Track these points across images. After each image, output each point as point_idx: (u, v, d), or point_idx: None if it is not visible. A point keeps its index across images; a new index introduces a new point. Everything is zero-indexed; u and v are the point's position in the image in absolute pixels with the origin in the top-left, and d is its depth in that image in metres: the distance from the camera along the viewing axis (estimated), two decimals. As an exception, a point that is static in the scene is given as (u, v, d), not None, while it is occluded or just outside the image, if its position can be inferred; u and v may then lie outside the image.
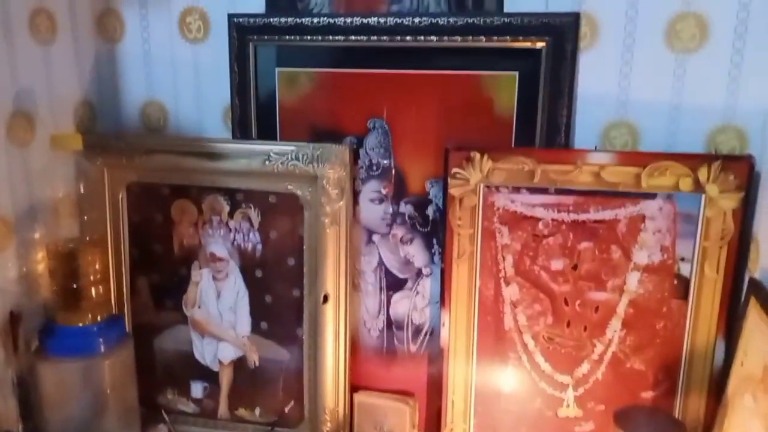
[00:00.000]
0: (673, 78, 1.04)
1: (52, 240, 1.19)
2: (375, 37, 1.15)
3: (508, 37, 1.09)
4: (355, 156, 1.20)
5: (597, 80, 1.08)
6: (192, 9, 1.26)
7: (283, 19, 1.18)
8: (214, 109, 1.30)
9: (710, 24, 1.01)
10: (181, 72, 1.30)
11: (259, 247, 1.25)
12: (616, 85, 1.07)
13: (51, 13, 1.19)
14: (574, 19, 1.06)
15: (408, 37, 1.13)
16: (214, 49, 1.26)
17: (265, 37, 1.20)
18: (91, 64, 1.31)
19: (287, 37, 1.19)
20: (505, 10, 1.10)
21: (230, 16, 1.21)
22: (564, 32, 1.06)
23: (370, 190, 1.23)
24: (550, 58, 1.08)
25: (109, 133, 1.33)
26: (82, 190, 1.25)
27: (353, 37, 1.16)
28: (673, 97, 1.05)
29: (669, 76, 1.05)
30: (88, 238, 1.24)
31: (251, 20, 1.20)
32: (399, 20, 1.13)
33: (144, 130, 1.34)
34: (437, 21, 1.11)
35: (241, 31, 1.21)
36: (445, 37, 1.12)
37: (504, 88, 1.12)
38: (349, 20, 1.15)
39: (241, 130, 1.25)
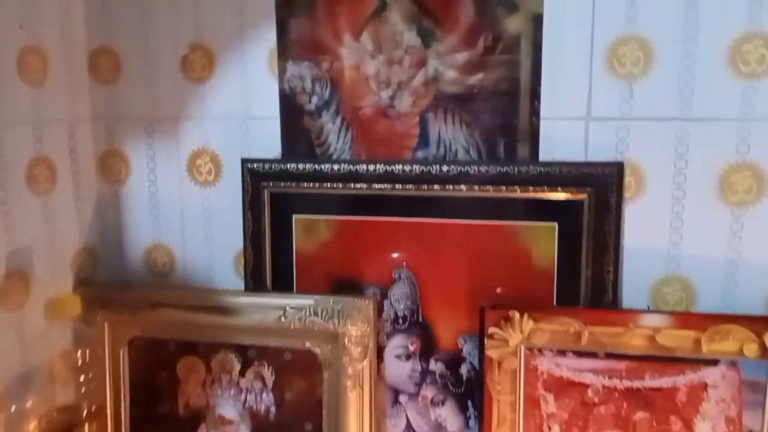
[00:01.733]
0: (729, 232, 0.96)
1: (45, 410, 1.07)
2: (399, 186, 1.07)
3: (545, 187, 1.01)
4: (379, 308, 1.10)
5: (645, 233, 1.00)
6: (203, 151, 1.18)
7: (300, 165, 1.11)
8: (224, 255, 1.20)
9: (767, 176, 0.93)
10: (189, 215, 1.22)
11: (273, 409, 1.13)
12: (667, 239, 0.99)
13: (50, 162, 1.12)
14: (617, 169, 0.98)
15: (435, 186, 1.05)
16: (225, 193, 1.18)
17: (282, 183, 1.12)
18: (92, 208, 1.23)
19: (305, 183, 1.11)
20: (541, 158, 1.02)
21: (244, 161, 1.14)
22: (607, 183, 0.98)
23: (396, 345, 1.12)
24: (593, 210, 1.00)
25: (111, 282, 1.23)
26: (79, 357, 1.13)
27: (376, 185, 1.08)
28: (729, 252, 0.96)
29: (724, 230, 0.96)
30: (85, 408, 1.12)
31: (266, 166, 1.13)
32: (425, 168, 1.05)
33: (149, 276, 1.25)
34: (467, 170, 1.03)
35: (255, 176, 1.13)
36: (476, 187, 1.04)
37: (542, 239, 1.03)
38: (371, 167, 1.08)
39: (254, 280, 1.16)
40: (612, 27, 0.97)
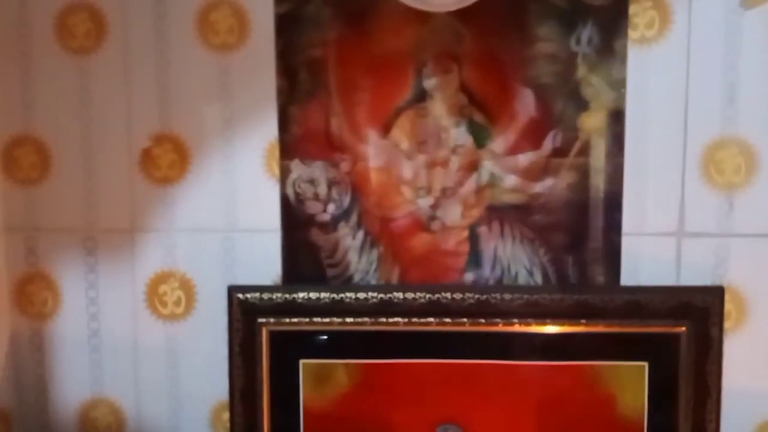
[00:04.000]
0: None
1: None
2: (448, 319, 0.83)
3: (634, 320, 0.81)
4: (417, 479, 0.85)
5: (747, 370, 0.83)
6: (169, 274, 0.89)
7: (312, 295, 0.84)
8: (196, 411, 0.90)
9: None
10: (147, 360, 0.91)
11: None
12: (775, 378, 0.82)
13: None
14: (719, 296, 0.81)
15: (497, 320, 0.83)
16: (199, 330, 0.89)
17: (286, 319, 0.85)
18: (3, 352, 0.89)
19: (317, 318, 0.85)
20: (622, 282, 0.83)
21: (232, 290, 0.85)
22: (708, 313, 0.81)
23: None
24: (692, 345, 0.81)
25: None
26: None
27: (415, 320, 0.84)
28: None
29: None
30: None
31: (264, 295, 0.85)
32: (481, 296, 0.83)
33: (85, 444, 0.91)
34: (536, 298, 0.82)
35: (248, 310, 0.85)
36: (547, 319, 0.82)
37: (630, 382, 0.83)
38: (409, 296, 0.83)
39: (245, 447, 0.86)
40: (708, 128, 0.81)
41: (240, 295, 0.86)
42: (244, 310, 0.86)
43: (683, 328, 0.82)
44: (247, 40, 0.85)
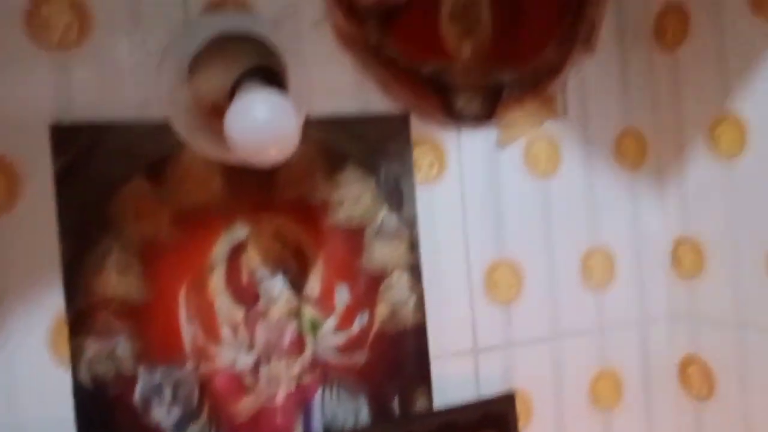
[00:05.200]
0: (603, 438, 0.99)
1: None
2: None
3: (452, 438, 0.87)
4: None
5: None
6: None
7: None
8: None
9: None
10: None
11: None
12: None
13: None
14: (511, 403, 0.92)
15: (334, 470, 0.80)
16: None
17: None
18: None
19: None
20: (436, 403, 0.89)
21: None
22: (505, 420, 0.91)
23: None
24: (498, 450, 0.90)
25: None
26: None
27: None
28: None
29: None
30: None
31: None
32: (315, 449, 0.80)
33: None
34: (367, 438, 0.83)
35: None
36: (379, 456, 0.83)
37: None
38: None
39: None
40: (485, 252, 0.93)
41: None
42: None
43: (490, 435, 0.90)
44: (17, 201, 0.70)
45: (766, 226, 0.86)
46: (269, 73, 0.70)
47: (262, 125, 0.63)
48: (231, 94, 0.69)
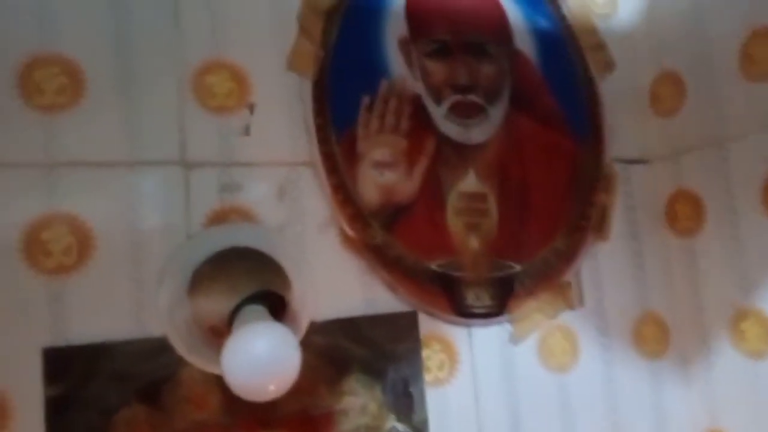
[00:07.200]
0: None
1: None
2: None
3: None
4: None
5: None
6: None
7: None
8: None
9: None
10: None
11: None
12: None
13: None
14: None
15: None
16: None
17: None
18: None
19: None
20: None
21: None
22: None
23: None
24: None
25: None
26: None
27: None
28: None
29: None
30: None
31: None
32: None
33: None
34: None
35: None
36: None
37: None
38: None
39: None
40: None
41: None
42: None
43: None
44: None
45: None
46: (270, 296, 0.68)
47: (260, 364, 0.60)
48: (230, 320, 0.67)
